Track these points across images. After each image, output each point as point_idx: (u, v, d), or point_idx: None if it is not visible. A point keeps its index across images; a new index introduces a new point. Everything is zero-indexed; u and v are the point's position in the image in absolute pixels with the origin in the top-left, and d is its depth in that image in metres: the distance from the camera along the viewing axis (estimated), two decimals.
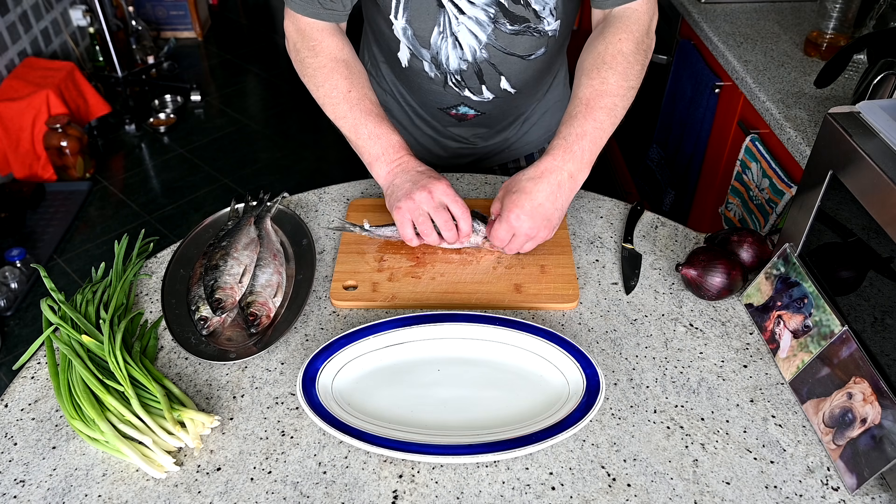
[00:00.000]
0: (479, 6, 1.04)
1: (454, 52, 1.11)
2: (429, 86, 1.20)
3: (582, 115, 0.96)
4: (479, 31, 1.07)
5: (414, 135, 1.34)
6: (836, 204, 0.85)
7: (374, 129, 1.03)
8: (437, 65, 1.14)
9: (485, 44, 1.10)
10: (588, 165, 0.97)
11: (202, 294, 0.97)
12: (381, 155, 1.03)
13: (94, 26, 3.50)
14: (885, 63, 1.24)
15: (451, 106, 1.23)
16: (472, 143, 1.33)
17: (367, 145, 1.04)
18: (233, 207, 1.15)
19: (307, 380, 0.85)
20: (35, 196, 2.80)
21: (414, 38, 1.11)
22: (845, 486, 0.77)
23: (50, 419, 0.85)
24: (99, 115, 3.20)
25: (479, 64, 1.13)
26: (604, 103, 0.96)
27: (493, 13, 1.05)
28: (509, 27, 1.07)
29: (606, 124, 0.96)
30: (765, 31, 1.75)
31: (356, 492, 0.77)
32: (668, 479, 0.78)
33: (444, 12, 1.05)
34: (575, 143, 0.96)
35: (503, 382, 0.88)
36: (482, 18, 1.06)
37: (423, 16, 1.07)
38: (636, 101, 1.04)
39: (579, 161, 0.96)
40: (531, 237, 0.98)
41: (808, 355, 0.86)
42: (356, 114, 1.04)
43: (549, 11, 1.06)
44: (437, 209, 0.97)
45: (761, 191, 1.51)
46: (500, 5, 1.04)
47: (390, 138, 1.03)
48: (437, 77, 1.17)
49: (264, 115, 3.53)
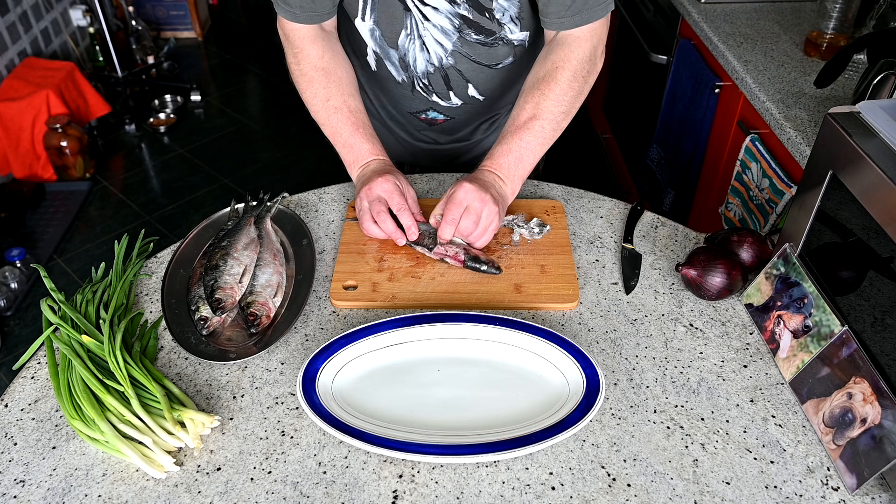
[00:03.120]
0: (443, 13, 1.06)
1: (421, 54, 1.12)
2: (397, 90, 1.21)
3: (511, 134, 1.05)
4: (445, 39, 1.09)
5: (389, 135, 1.36)
6: (836, 204, 0.85)
7: (348, 137, 1.11)
8: (405, 67, 1.15)
9: (451, 51, 1.11)
10: (515, 179, 1.06)
11: (202, 294, 0.97)
12: (352, 163, 1.12)
13: (94, 26, 3.50)
14: (885, 63, 1.24)
15: (420, 110, 1.24)
16: (444, 144, 1.35)
17: (343, 153, 1.13)
18: (233, 207, 1.15)
19: (307, 380, 0.85)
20: (35, 196, 2.80)
21: (382, 39, 1.12)
22: (845, 486, 0.77)
23: (50, 419, 0.85)
24: (99, 115, 3.20)
25: (446, 69, 1.14)
26: (533, 125, 1.05)
27: (458, 23, 1.07)
28: (474, 36, 1.09)
29: (534, 144, 1.05)
30: (765, 31, 1.75)
31: (356, 492, 0.77)
32: (668, 479, 0.78)
33: (411, 15, 1.07)
34: (501, 157, 1.05)
35: (503, 382, 0.88)
36: (447, 27, 1.08)
37: (391, 18, 1.08)
38: (636, 101, 1.05)
39: (506, 172, 1.05)
40: (480, 210, 1.00)
41: (808, 355, 0.86)
42: (333, 122, 1.12)
43: (510, 19, 1.07)
44: (373, 202, 1.04)
45: (761, 191, 1.51)
46: (464, 17, 1.06)
47: (361, 147, 1.11)
48: (405, 81, 1.18)
49: (264, 115, 3.53)
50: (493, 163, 1.05)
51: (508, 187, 1.05)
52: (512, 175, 1.05)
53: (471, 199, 1.00)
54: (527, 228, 1.09)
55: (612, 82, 2.73)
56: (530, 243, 1.08)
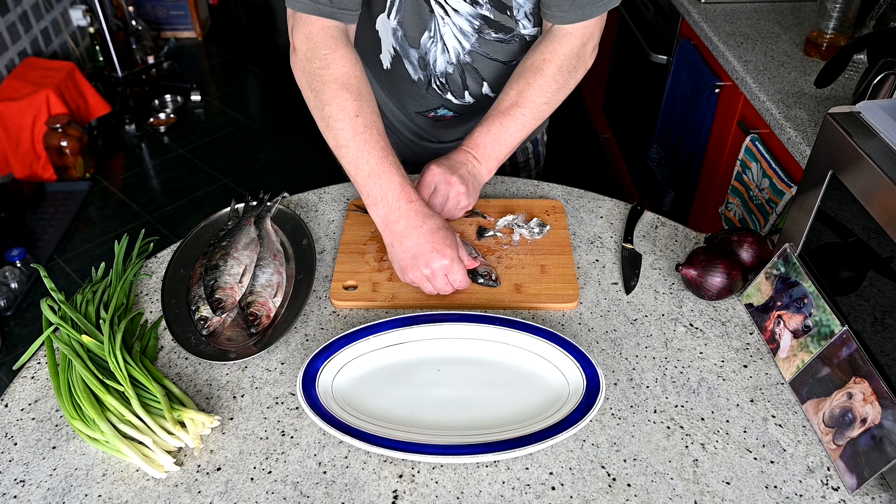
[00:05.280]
0: (463, 16, 1.06)
1: (442, 55, 1.12)
2: (410, 88, 1.21)
3: (492, 118, 1.08)
4: (464, 39, 1.10)
5: (393, 135, 1.35)
6: (836, 204, 0.85)
7: (376, 165, 0.96)
8: (424, 66, 1.15)
9: (468, 50, 1.12)
10: (490, 159, 1.07)
11: (202, 294, 0.97)
12: (378, 200, 0.97)
13: (94, 26, 3.50)
14: (885, 63, 1.24)
15: (430, 109, 1.24)
16: (448, 143, 1.35)
17: (367, 185, 0.97)
18: (233, 207, 1.15)
19: (307, 380, 0.85)
20: (35, 196, 2.80)
21: (403, 39, 1.11)
22: (845, 486, 0.77)
23: (50, 419, 0.85)
24: (99, 115, 3.20)
25: (463, 66, 1.14)
26: (514, 112, 1.07)
27: (479, 25, 1.08)
28: (494, 35, 1.10)
29: (513, 129, 1.07)
30: (765, 31, 1.75)
31: (356, 492, 0.77)
32: (668, 479, 0.78)
33: (435, 17, 1.07)
34: (480, 137, 1.07)
35: (503, 382, 0.88)
36: (466, 29, 1.08)
37: (417, 18, 1.08)
38: (636, 101, 1.05)
39: (482, 152, 1.07)
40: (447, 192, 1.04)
41: (808, 355, 0.86)
42: (360, 144, 0.96)
43: (525, 15, 1.09)
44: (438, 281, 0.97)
45: (761, 191, 1.51)
46: (484, 17, 1.07)
47: (391, 180, 0.96)
48: (421, 80, 1.18)
49: (264, 115, 3.53)
50: (470, 142, 1.07)
51: (483, 167, 1.07)
52: (487, 155, 1.07)
53: (438, 181, 1.05)
54: (527, 228, 1.09)
55: (613, 82, 2.73)
56: (530, 243, 1.08)
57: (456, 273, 0.97)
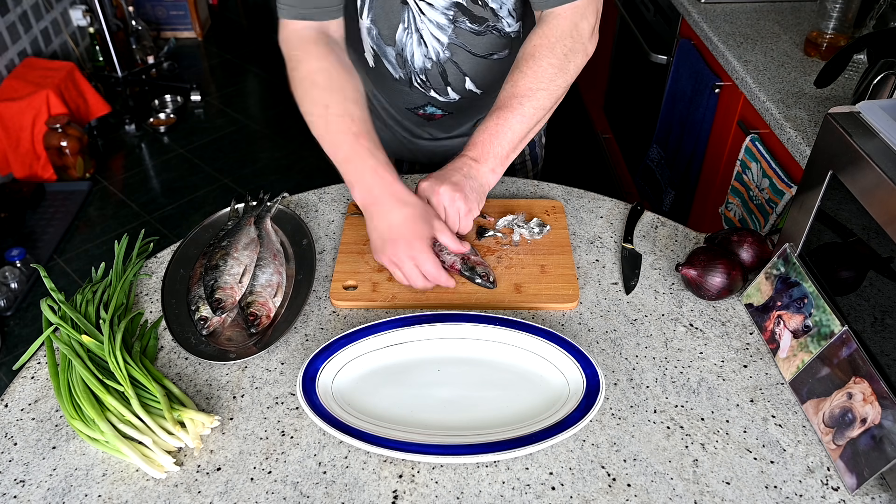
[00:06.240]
0: (438, 9, 1.06)
1: (419, 49, 1.12)
2: (395, 86, 1.21)
3: (490, 115, 1.04)
4: (440, 33, 1.10)
5: (388, 132, 1.36)
6: (836, 204, 0.85)
7: (349, 150, 0.98)
8: (402, 63, 1.15)
9: (447, 44, 1.11)
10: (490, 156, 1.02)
11: (202, 294, 0.97)
12: (353, 183, 0.99)
13: (94, 26, 3.50)
14: (885, 63, 1.24)
15: (418, 106, 1.24)
16: (443, 140, 1.35)
17: (343, 170, 1.00)
18: (233, 207, 1.15)
19: (307, 380, 0.85)
20: (35, 196, 2.80)
21: (378, 38, 1.12)
22: (845, 486, 0.77)
23: (50, 419, 0.85)
24: (99, 115, 3.20)
25: (443, 64, 1.14)
26: (511, 102, 1.03)
27: (453, 14, 1.07)
28: (469, 25, 1.09)
29: (512, 121, 1.02)
30: (765, 31, 1.75)
31: (356, 492, 0.77)
32: (668, 479, 0.78)
33: (408, 9, 1.07)
34: (477, 135, 1.03)
35: (503, 382, 0.88)
36: (442, 22, 1.08)
37: (388, 14, 1.08)
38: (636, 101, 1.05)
39: (479, 150, 1.02)
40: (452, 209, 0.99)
41: (808, 355, 0.86)
42: (332, 132, 0.99)
43: (508, 12, 1.08)
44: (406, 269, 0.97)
45: (761, 191, 1.51)
46: (459, 5, 1.07)
47: (364, 163, 0.98)
48: (402, 77, 1.18)
49: (264, 115, 3.53)
50: (467, 144, 1.04)
51: (484, 166, 1.02)
52: (486, 153, 1.02)
53: (428, 197, 1.00)
54: (527, 228, 1.09)
55: (612, 82, 2.73)
56: (530, 243, 1.08)
57: (424, 263, 0.95)
